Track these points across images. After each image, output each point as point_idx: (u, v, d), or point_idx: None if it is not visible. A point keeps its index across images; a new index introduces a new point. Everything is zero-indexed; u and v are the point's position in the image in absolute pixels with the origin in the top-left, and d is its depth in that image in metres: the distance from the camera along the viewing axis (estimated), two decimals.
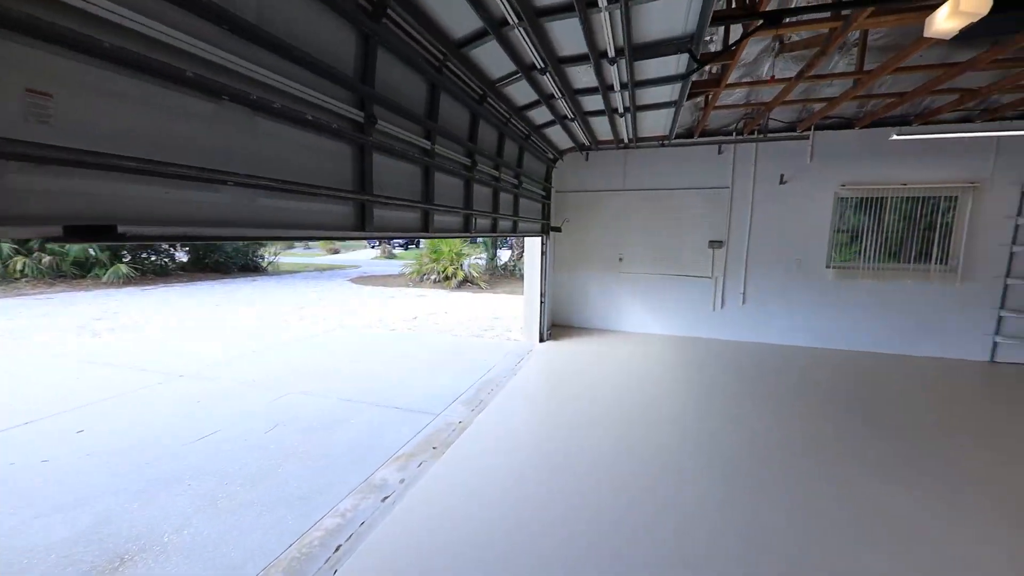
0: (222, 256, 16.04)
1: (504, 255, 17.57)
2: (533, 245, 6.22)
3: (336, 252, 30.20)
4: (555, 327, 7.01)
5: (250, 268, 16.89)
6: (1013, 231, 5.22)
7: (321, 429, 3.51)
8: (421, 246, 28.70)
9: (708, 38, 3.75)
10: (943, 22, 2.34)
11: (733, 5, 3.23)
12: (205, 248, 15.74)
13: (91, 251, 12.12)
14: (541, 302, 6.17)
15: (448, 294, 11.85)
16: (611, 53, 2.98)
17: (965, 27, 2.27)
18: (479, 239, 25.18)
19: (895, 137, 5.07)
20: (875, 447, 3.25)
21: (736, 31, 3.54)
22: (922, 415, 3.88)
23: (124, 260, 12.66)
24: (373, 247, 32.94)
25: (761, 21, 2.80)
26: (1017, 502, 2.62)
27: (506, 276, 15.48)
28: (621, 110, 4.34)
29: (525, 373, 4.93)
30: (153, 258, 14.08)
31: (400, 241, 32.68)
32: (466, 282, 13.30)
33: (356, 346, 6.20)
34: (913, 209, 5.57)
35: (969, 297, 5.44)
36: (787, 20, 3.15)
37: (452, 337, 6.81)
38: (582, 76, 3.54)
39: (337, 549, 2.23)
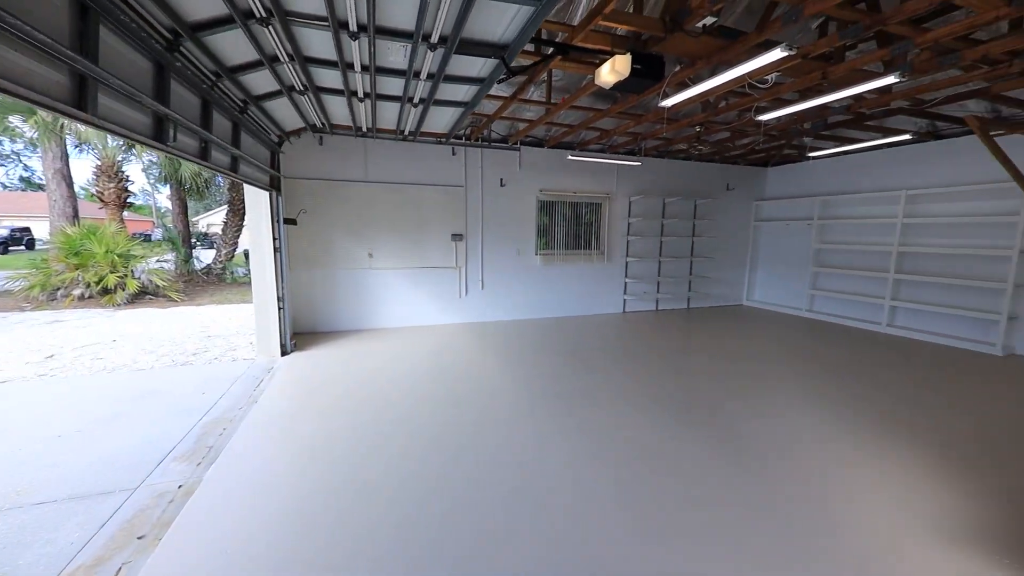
0: None
1: (207, 256, 13.73)
2: (262, 237, 5.07)
3: None
4: (299, 336, 6.04)
5: None
6: (627, 227, 8.06)
7: None
8: (44, 244, 18.70)
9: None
10: (605, 75, 3.29)
11: None
12: None
13: None
14: (279, 308, 5.16)
15: (113, 314, 8.30)
16: (435, 39, 2.83)
17: (618, 82, 3.26)
18: (159, 232, 18.50)
19: (570, 157, 6.89)
20: (583, 376, 4.39)
21: None
22: (598, 350, 5.52)
23: None
24: None
25: (552, 49, 3.29)
26: (650, 388, 4.10)
27: (212, 283, 12.18)
28: (417, 100, 4.18)
29: (270, 397, 4.03)
30: None
31: None
32: (145, 294, 9.67)
33: None
34: (581, 210, 7.77)
35: (611, 271, 8.08)
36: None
37: (137, 373, 4.81)
38: (393, 54, 3.20)
39: None
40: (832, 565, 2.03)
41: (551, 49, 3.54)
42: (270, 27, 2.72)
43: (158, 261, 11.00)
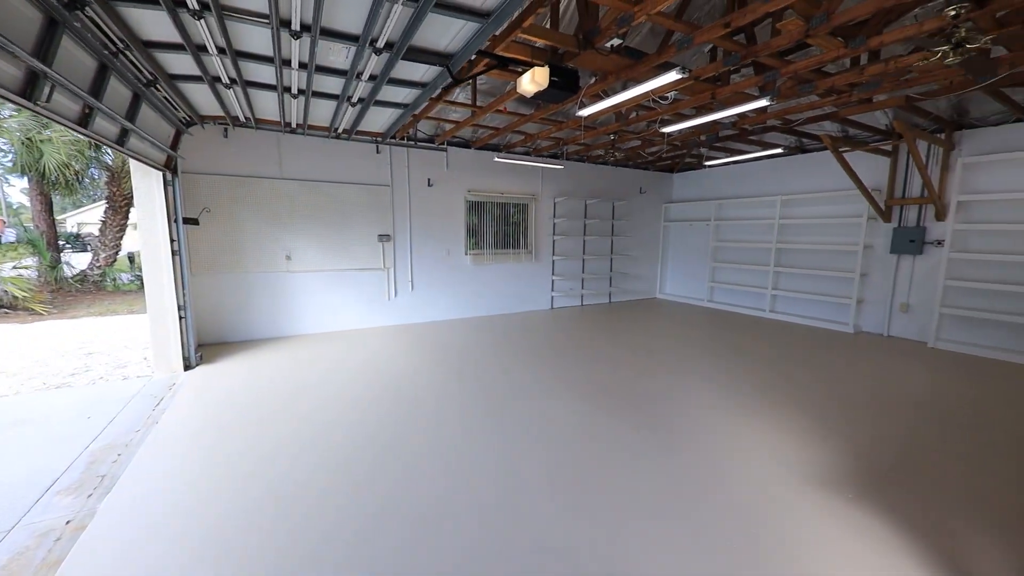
0: None
1: (81, 260, 11.78)
2: (157, 237, 4.51)
3: None
4: (205, 347, 5.50)
5: None
6: (553, 227, 8.44)
7: None
8: None
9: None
10: (526, 85, 3.47)
11: None
12: None
13: None
14: (180, 317, 4.66)
15: None
16: (381, 44, 2.81)
17: (538, 92, 3.45)
18: (13, 233, 15.24)
19: (496, 159, 7.05)
20: (515, 370, 4.58)
21: None
22: (533, 343, 5.76)
23: None
24: None
25: (476, 56, 3.37)
26: (588, 375, 4.41)
27: (89, 291, 10.52)
28: (356, 100, 4.09)
29: (173, 417, 3.64)
30: None
31: None
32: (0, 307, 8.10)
33: None
34: (508, 210, 7.97)
35: (539, 270, 8.40)
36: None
37: None
38: (335, 55, 3.10)
39: None
40: (724, 510, 2.39)
41: (474, 56, 3.65)
42: (202, 20, 2.52)
43: (14, 267, 9.25)
